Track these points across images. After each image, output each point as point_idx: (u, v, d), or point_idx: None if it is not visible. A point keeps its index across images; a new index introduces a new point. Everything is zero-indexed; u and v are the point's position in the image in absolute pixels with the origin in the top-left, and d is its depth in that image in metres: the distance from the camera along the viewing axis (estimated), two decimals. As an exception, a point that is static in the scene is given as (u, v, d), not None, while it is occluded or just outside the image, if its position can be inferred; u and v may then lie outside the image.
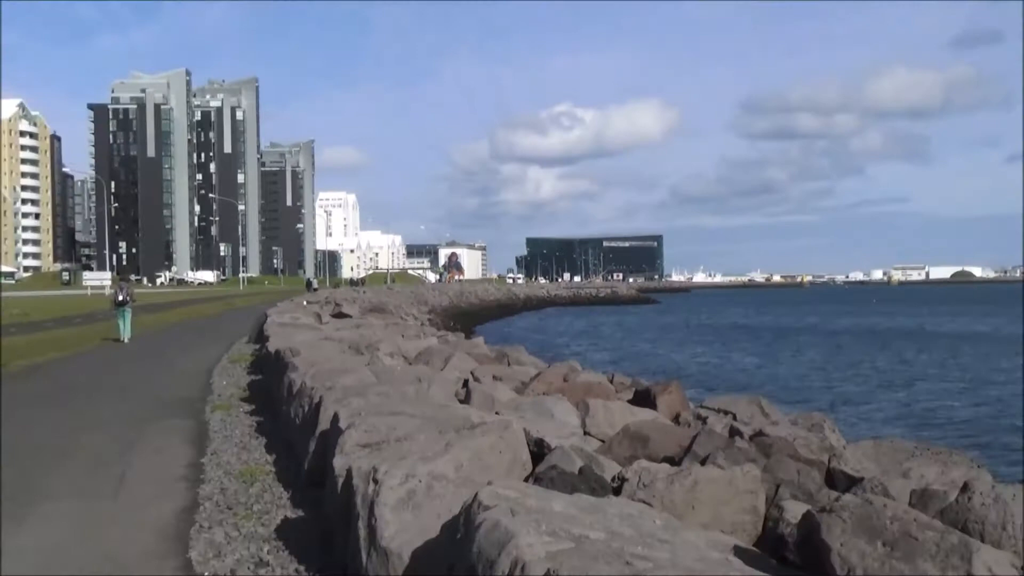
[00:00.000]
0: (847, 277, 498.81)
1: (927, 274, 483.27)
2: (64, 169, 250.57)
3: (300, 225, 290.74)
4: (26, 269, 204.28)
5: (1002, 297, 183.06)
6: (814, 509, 4.80)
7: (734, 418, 11.67)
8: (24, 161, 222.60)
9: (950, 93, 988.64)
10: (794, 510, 5.49)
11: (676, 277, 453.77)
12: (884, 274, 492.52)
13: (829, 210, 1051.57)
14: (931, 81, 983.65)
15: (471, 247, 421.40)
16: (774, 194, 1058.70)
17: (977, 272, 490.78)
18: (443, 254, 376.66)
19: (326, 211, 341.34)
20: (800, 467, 7.60)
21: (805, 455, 8.58)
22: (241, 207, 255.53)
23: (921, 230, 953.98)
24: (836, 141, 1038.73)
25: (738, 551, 4.84)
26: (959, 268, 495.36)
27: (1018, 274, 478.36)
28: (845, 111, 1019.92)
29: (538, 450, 7.57)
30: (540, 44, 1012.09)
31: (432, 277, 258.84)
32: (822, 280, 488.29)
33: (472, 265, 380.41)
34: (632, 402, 12.72)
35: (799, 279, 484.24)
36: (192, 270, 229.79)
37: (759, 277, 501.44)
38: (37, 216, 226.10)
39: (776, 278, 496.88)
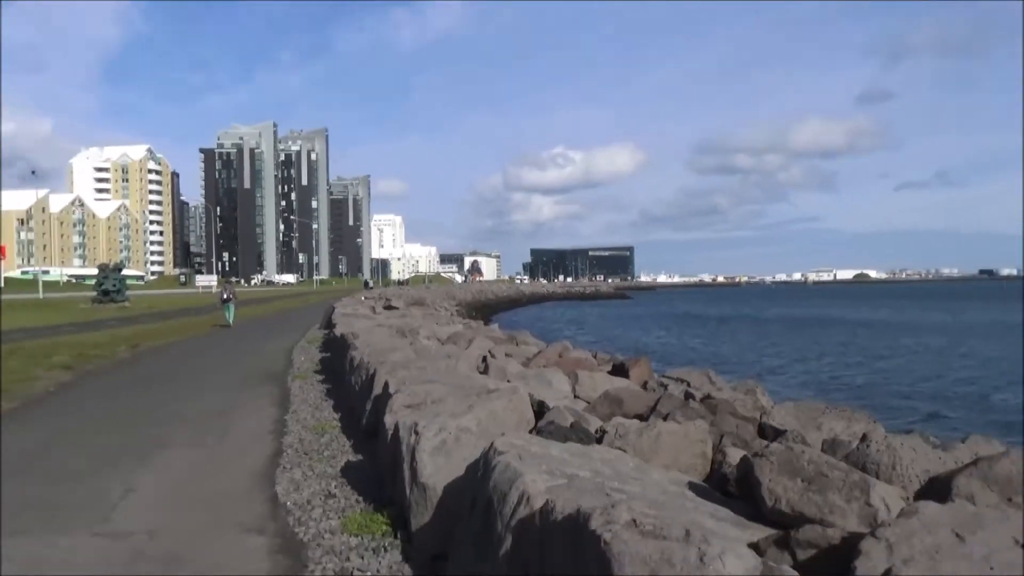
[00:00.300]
0: (774, 278, 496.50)
1: (835, 276, 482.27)
2: (181, 198, 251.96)
3: (359, 239, 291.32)
4: (152, 273, 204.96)
5: (891, 293, 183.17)
6: (749, 454, 4.78)
7: (688, 385, 11.65)
8: (151, 192, 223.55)
9: (853, 139, 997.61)
10: (734, 455, 5.48)
11: (644, 278, 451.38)
12: (802, 275, 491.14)
13: (761, 227, 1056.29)
14: (838, 129, 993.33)
15: (488, 255, 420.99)
16: (718, 215, 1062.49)
17: (873, 274, 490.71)
18: (467, 261, 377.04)
19: (379, 229, 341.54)
20: (738, 422, 7.58)
21: (742, 413, 8.56)
22: (315, 226, 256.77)
23: (830, 242, 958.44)
24: (766, 175, 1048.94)
25: (691, 486, 4.83)
26: (859, 271, 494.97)
27: (903, 275, 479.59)
28: (773, 152, 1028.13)
29: (539, 409, 7.56)
30: (542, 101, 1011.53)
31: (459, 279, 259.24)
32: (755, 280, 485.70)
33: (489, 269, 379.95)
34: (611, 373, 12.69)
35: (737, 279, 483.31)
36: (278, 273, 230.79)
37: (707, 278, 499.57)
38: (161, 233, 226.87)
39: (720, 279, 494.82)
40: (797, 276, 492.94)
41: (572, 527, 3.40)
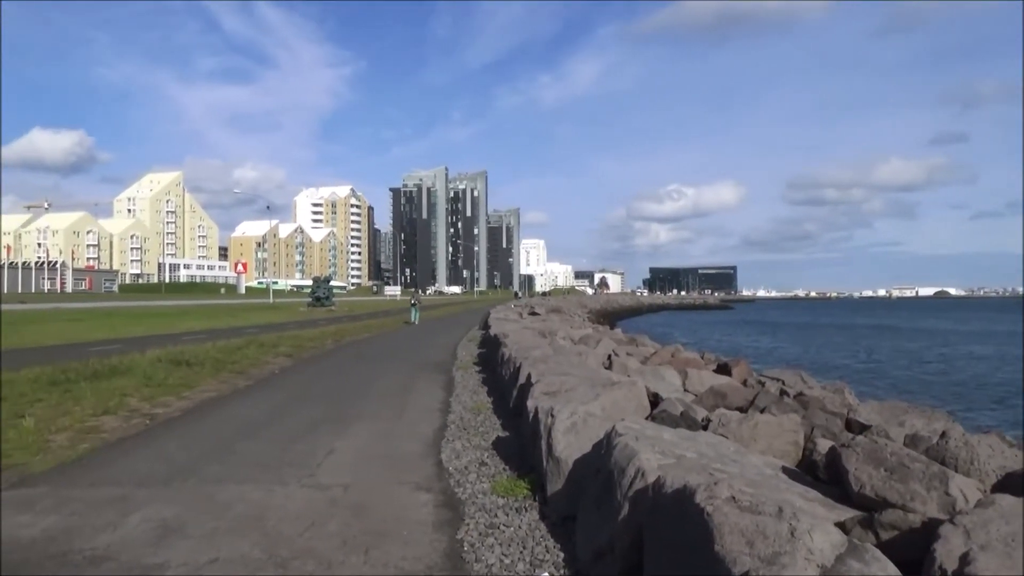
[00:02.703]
0: (861, 293, 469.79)
1: (916, 292, 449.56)
2: (375, 226, 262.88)
3: (511, 259, 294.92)
4: (352, 284, 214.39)
5: (968, 307, 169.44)
6: (837, 444, 4.50)
7: (783, 383, 11.12)
8: (353, 221, 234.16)
9: (930, 174, 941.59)
10: (823, 445, 5.16)
11: (746, 292, 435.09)
12: (887, 291, 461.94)
13: (848, 250, 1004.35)
14: (916, 167, 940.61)
15: (614, 272, 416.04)
16: (809, 240, 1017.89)
17: (952, 291, 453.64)
18: (597, 277, 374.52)
19: (526, 251, 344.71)
20: (827, 416, 7.15)
21: (831, 409, 8.08)
22: (476, 248, 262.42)
23: (910, 263, 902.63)
24: (851, 206, 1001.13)
25: (784, 469, 4.59)
26: (939, 288, 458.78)
27: (981, 292, 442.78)
28: (858, 187, 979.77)
29: (654, 400, 7.38)
30: (658, 144, 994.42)
31: (590, 291, 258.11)
32: (845, 295, 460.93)
33: (615, 284, 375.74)
34: (715, 371, 12.27)
35: (828, 294, 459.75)
36: (447, 285, 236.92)
37: (801, 293, 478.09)
38: (359, 253, 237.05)
39: (812, 293, 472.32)
40: (882, 292, 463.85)
41: (679, 499, 3.29)
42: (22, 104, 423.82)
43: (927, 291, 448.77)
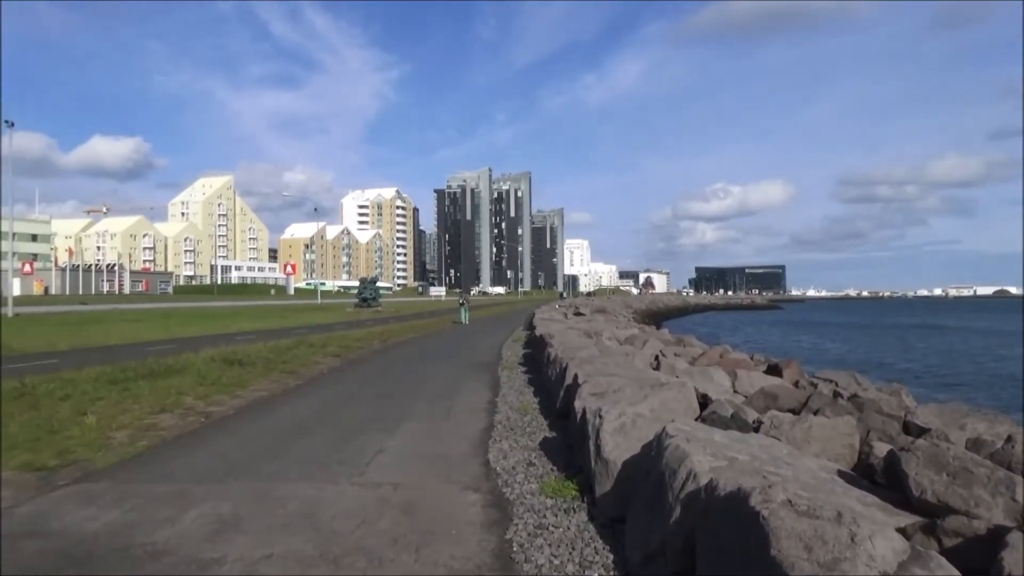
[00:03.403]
0: (916, 293, 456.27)
1: (975, 291, 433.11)
2: (420, 228, 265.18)
3: (555, 259, 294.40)
4: (398, 285, 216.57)
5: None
6: (895, 448, 4.38)
7: (836, 385, 10.87)
8: (398, 222, 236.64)
9: (989, 170, 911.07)
10: (880, 448, 5.03)
11: (795, 292, 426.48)
12: (943, 291, 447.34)
13: (901, 248, 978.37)
14: (974, 163, 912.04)
15: (660, 272, 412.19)
16: (861, 238, 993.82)
17: (1013, 290, 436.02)
18: (642, 277, 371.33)
19: (570, 251, 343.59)
20: (884, 419, 6.96)
21: (887, 411, 7.87)
22: (520, 249, 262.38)
23: (969, 261, 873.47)
24: (905, 203, 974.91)
25: (840, 473, 4.48)
26: (999, 287, 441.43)
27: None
28: (912, 184, 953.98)
29: (704, 401, 7.28)
30: (704, 143, 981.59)
31: (635, 291, 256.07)
32: (898, 295, 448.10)
33: (660, 284, 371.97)
34: (766, 372, 12.05)
35: (881, 294, 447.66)
36: (491, 286, 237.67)
37: (852, 292, 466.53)
38: (405, 254, 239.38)
39: (864, 293, 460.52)
40: (938, 291, 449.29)
41: (734, 503, 3.24)
42: (84, 113, 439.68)
43: (986, 290, 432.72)
